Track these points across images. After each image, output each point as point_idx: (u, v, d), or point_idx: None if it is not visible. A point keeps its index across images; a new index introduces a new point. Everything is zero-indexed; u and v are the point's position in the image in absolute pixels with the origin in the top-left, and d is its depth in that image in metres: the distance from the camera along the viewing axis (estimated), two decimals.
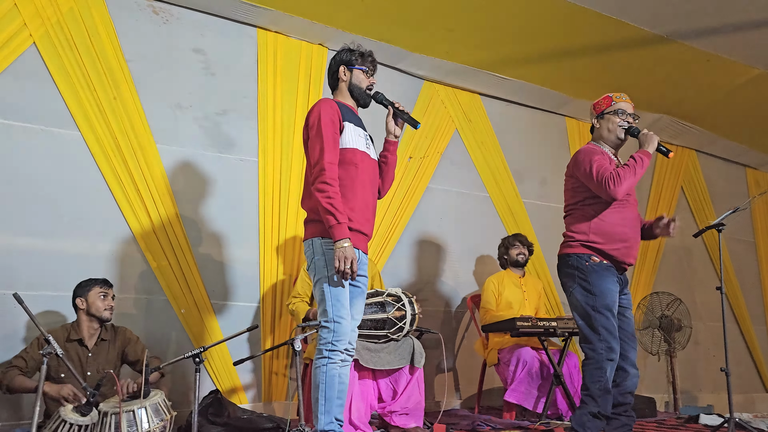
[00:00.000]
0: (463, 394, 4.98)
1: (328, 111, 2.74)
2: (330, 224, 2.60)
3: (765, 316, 7.17)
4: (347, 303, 2.70)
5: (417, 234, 4.97)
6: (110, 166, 3.79)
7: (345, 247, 2.56)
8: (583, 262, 3.05)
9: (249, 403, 4.03)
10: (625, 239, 3.07)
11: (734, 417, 3.49)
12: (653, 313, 5.39)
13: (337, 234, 2.58)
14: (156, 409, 2.88)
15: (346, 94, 2.94)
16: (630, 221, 3.11)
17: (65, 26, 3.74)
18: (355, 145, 2.80)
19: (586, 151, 3.13)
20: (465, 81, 5.25)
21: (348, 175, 2.76)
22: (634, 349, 3.12)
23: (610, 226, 3.06)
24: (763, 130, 6.45)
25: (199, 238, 4.04)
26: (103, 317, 3.24)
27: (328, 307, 2.66)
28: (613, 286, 3.04)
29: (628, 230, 3.09)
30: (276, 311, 4.16)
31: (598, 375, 2.95)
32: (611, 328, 2.98)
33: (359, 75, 2.92)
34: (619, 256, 3.06)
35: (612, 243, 3.05)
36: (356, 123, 2.87)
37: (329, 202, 2.61)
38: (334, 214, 2.59)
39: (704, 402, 5.93)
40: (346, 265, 2.57)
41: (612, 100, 3.20)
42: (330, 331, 2.65)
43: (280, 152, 4.34)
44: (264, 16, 4.26)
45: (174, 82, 4.09)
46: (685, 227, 6.50)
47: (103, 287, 3.27)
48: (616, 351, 2.97)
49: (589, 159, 3.06)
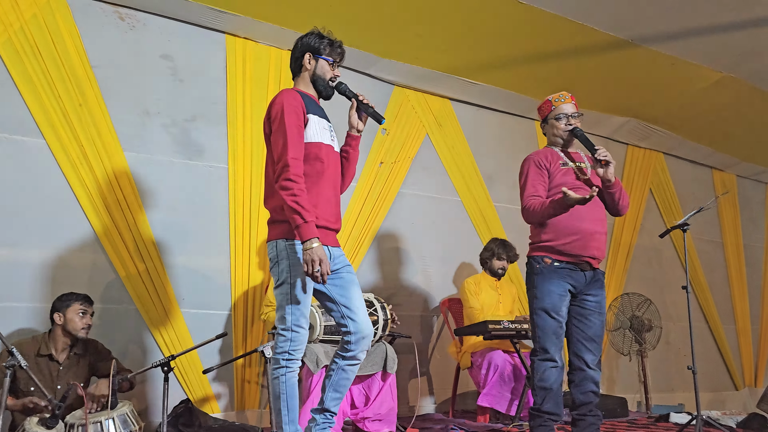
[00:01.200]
0: (438, 398, 4.99)
1: (291, 103, 2.59)
2: (296, 224, 2.44)
3: (734, 314, 7.31)
4: (307, 311, 2.56)
5: (389, 239, 4.97)
6: (76, 174, 3.74)
7: (314, 247, 2.41)
8: (534, 265, 3.09)
9: (221, 413, 3.99)
10: (575, 231, 3.01)
11: (702, 414, 3.54)
12: (624, 314, 5.46)
13: (305, 234, 2.43)
14: (124, 420, 2.84)
15: (309, 83, 2.77)
16: (581, 213, 3.01)
17: (28, 32, 3.68)
18: (320, 139, 2.66)
19: (526, 161, 3.21)
20: (435, 86, 5.28)
21: (314, 171, 2.61)
22: (590, 351, 3.03)
23: (557, 221, 3.03)
24: (728, 133, 6.59)
25: (169, 246, 3.99)
26: (78, 336, 3.16)
27: (287, 314, 2.52)
28: (557, 288, 3.00)
29: (579, 222, 3.02)
30: (248, 319, 4.13)
31: (536, 374, 3.01)
32: (547, 330, 2.99)
33: (324, 66, 2.75)
34: (574, 249, 3.01)
35: (562, 238, 3.02)
36: (320, 115, 2.73)
37: (295, 200, 2.45)
38: (300, 212, 2.44)
39: (676, 401, 6.01)
40: (315, 268, 2.42)
41: (552, 104, 3.21)
42: (287, 340, 2.51)
43: (250, 159, 4.31)
44: (232, 22, 4.24)
45: (141, 89, 4.05)
46: (654, 229, 6.60)
47: (83, 304, 3.18)
48: (550, 352, 2.98)
49: (525, 172, 3.17)
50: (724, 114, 6.08)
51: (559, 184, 3.07)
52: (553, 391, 2.98)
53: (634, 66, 5.11)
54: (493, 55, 4.95)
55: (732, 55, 4.99)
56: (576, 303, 3.08)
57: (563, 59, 4.96)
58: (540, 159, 3.17)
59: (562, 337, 3.04)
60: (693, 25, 4.56)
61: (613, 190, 3.11)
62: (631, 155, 6.64)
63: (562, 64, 5.03)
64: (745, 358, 7.33)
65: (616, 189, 3.11)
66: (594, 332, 3.06)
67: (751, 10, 4.37)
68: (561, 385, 3.04)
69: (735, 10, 4.37)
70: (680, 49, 4.87)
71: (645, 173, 6.69)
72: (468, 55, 4.92)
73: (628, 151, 6.63)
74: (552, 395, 2.98)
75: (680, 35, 4.69)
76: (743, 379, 7.24)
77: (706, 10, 4.39)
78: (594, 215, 3.08)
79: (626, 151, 6.62)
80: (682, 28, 4.61)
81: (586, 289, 3.07)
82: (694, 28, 4.60)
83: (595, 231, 3.06)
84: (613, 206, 3.19)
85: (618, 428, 4.17)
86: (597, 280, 3.11)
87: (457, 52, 4.87)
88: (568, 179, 3.11)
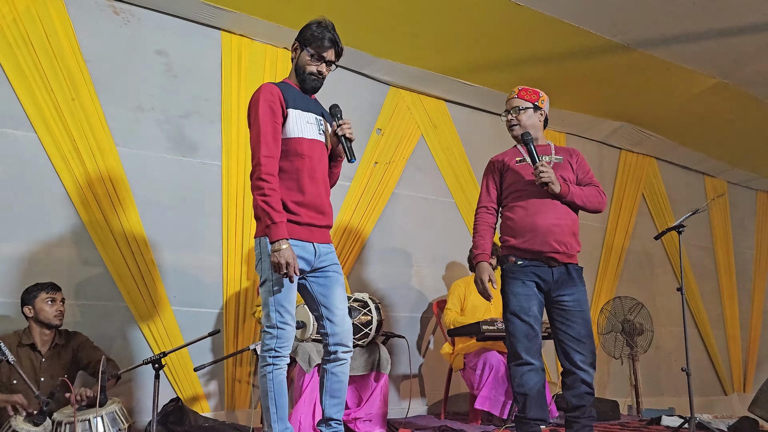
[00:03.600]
0: (429, 400, 4.97)
1: (267, 98, 2.54)
2: (266, 224, 2.44)
3: (723, 320, 7.35)
4: (293, 308, 2.54)
5: (383, 239, 4.95)
6: (68, 168, 3.69)
7: (282, 249, 2.40)
8: (502, 266, 3.10)
9: (211, 412, 3.95)
10: (532, 228, 2.97)
11: (695, 417, 3.53)
12: (616, 317, 5.46)
13: (273, 235, 2.42)
14: (113, 418, 2.81)
15: (293, 73, 2.72)
16: (536, 207, 2.99)
17: (21, 25, 3.63)
18: (300, 134, 2.59)
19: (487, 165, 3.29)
20: (430, 87, 5.27)
21: (293, 167, 2.57)
22: (578, 351, 2.97)
23: (514, 221, 3.04)
24: (720, 139, 6.62)
25: (161, 243, 3.95)
26: (52, 324, 3.11)
27: (272, 312, 2.50)
28: (523, 289, 2.97)
29: (533, 217, 2.98)
30: (240, 317, 4.10)
31: (513, 380, 3.00)
32: (518, 333, 2.96)
33: (305, 57, 2.67)
34: (533, 246, 2.96)
35: (519, 236, 2.99)
36: (304, 108, 2.65)
37: (264, 200, 2.44)
38: (269, 213, 2.43)
39: (666, 405, 6.02)
40: (283, 270, 2.42)
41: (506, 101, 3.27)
42: (273, 337, 2.50)
43: (244, 156, 4.28)
44: (228, 18, 4.21)
45: (135, 84, 4.01)
46: (646, 233, 6.63)
47: (49, 292, 3.13)
48: (523, 357, 2.95)
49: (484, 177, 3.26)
50: (716, 120, 6.10)
51: (512, 182, 3.10)
52: (532, 395, 2.94)
53: (628, 70, 5.12)
54: (489, 56, 4.95)
55: (726, 61, 5.01)
56: (554, 304, 3.02)
57: (558, 62, 4.96)
58: (494, 162, 3.23)
59: (536, 338, 2.98)
60: (688, 30, 4.58)
61: (568, 200, 3.01)
62: (625, 160, 6.66)
63: (556, 67, 5.03)
64: (735, 363, 7.37)
65: (570, 199, 3.01)
66: (578, 332, 2.98)
67: (745, 17, 4.39)
68: (543, 386, 2.99)
69: (730, 16, 4.39)
70: (675, 54, 4.89)
71: (638, 178, 6.72)
72: (463, 56, 4.91)
73: (621, 156, 6.65)
74: (533, 400, 2.95)
75: (675, 40, 4.70)
76: (732, 384, 7.27)
77: (701, 16, 4.40)
78: (551, 208, 3.00)
79: (619, 155, 6.64)
80: (678, 33, 4.62)
81: (558, 287, 3.00)
82: (689, 33, 4.62)
83: (553, 224, 2.97)
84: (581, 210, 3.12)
85: (610, 431, 4.17)
86: (570, 276, 3.01)
87: (453, 53, 4.86)
88: (524, 175, 3.08)
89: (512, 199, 3.09)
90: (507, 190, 3.12)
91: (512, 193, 3.09)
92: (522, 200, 3.04)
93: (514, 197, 3.08)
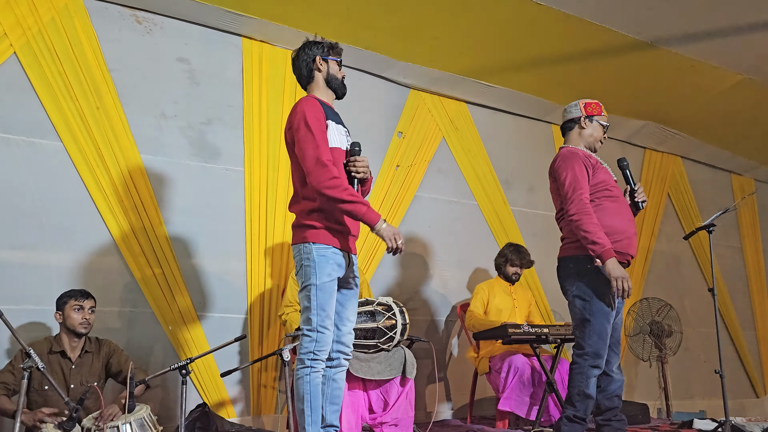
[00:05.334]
0: (455, 404, 4.93)
1: (312, 110, 2.66)
2: (361, 212, 2.58)
3: (754, 321, 7.20)
4: (332, 313, 2.64)
5: (405, 243, 4.89)
6: (93, 176, 3.73)
7: (384, 227, 2.58)
8: (584, 265, 2.99)
9: (237, 417, 3.96)
10: (622, 230, 3.04)
11: (729, 420, 3.46)
12: (643, 319, 5.38)
13: (372, 218, 2.58)
14: (141, 425, 2.82)
15: (323, 87, 2.83)
16: (625, 213, 3.09)
17: (46, 36, 3.68)
18: (339, 144, 2.72)
19: (565, 156, 3.13)
20: (451, 89, 5.24)
21: None
22: (617, 354, 3.08)
23: (608, 220, 3.02)
24: (747, 136, 6.51)
25: (185, 248, 3.98)
26: (77, 331, 3.12)
27: (313, 315, 2.59)
28: (609, 290, 2.96)
29: (625, 222, 3.07)
30: (264, 322, 4.10)
31: (580, 380, 2.95)
32: (604, 335, 2.95)
33: (335, 66, 2.84)
34: (621, 248, 3.01)
35: (611, 236, 2.98)
36: (336, 120, 2.79)
37: (349, 193, 2.58)
38: (358, 200, 2.58)
39: (696, 408, 5.91)
40: (399, 241, 2.59)
41: (602, 110, 3.25)
42: (312, 341, 2.59)
43: (266, 162, 4.29)
44: (249, 25, 4.23)
45: (158, 92, 4.04)
46: (672, 233, 6.52)
47: (78, 299, 3.14)
48: (603, 358, 2.95)
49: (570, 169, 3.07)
50: (743, 117, 6.00)
51: (602, 181, 3.09)
52: (593, 399, 2.98)
53: (652, 68, 5.05)
54: (510, 57, 4.91)
55: (752, 57, 4.93)
56: None
57: (581, 62, 4.91)
58: (580, 155, 3.13)
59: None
60: (712, 26, 4.51)
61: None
62: (649, 159, 6.56)
63: (579, 67, 4.98)
64: (766, 364, 7.20)
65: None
66: (618, 335, 3.08)
67: None
68: None
69: (755, 12, 4.32)
70: (699, 51, 4.82)
71: (663, 177, 6.61)
72: (484, 57, 4.88)
73: (645, 155, 6.56)
74: (592, 403, 2.98)
75: (700, 37, 4.63)
76: (764, 386, 7.12)
77: (726, 12, 4.34)
78: (630, 214, 3.15)
79: (644, 155, 6.55)
80: (702, 30, 4.56)
81: None
82: (714, 29, 4.55)
83: (634, 230, 3.11)
84: None
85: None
86: None
87: (474, 55, 4.83)
88: (608, 177, 3.13)
89: (603, 198, 3.07)
90: (596, 187, 3.09)
91: (602, 191, 3.07)
92: (610, 200, 3.06)
93: (604, 196, 3.07)
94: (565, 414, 2.97)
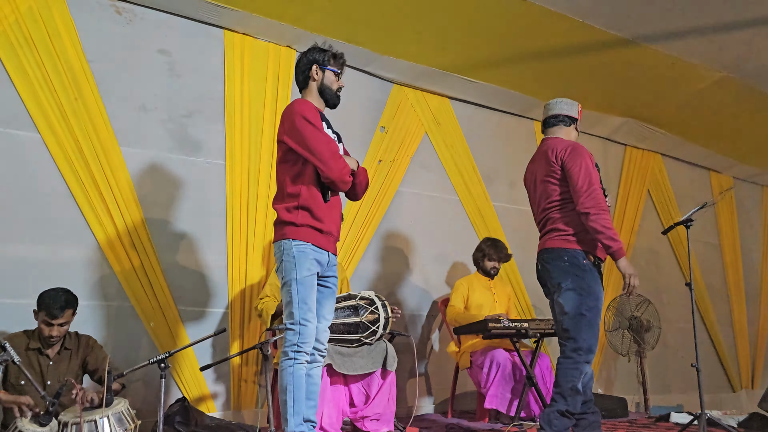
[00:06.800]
0: (437, 398, 4.94)
1: (309, 109, 2.75)
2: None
3: (730, 316, 7.31)
4: (314, 306, 2.71)
5: (387, 238, 4.93)
6: (72, 169, 3.68)
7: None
8: (580, 260, 2.99)
9: (218, 412, 3.93)
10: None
11: (705, 413, 3.50)
12: (623, 314, 5.43)
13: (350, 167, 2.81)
14: (119, 419, 2.78)
15: (316, 94, 2.90)
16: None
17: (24, 25, 3.62)
18: None
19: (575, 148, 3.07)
20: (434, 84, 5.24)
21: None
22: None
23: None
24: (725, 134, 6.58)
25: (165, 242, 3.94)
26: (47, 342, 3.05)
27: (295, 309, 2.66)
28: (600, 287, 3.01)
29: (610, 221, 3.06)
30: (245, 316, 4.08)
31: (573, 374, 2.94)
32: (596, 330, 2.98)
33: (331, 76, 2.89)
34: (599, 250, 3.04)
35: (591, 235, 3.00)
36: (327, 125, 2.86)
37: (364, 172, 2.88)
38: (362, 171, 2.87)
39: (673, 402, 5.99)
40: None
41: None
42: (295, 333, 2.66)
43: (248, 155, 4.26)
44: (230, 17, 4.19)
45: (138, 84, 4.00)
46: (652, 230, 6.59)
47: (48, 316, 2.99)
48: (594, 353, 2.97)
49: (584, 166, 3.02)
50: (722, 115, 6.07)
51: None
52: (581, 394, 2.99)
53: (633, 65, 5.09)
54: (492, 53, 4.92)
55: (732, 55, 4.97)
56: None
57: (562, 57, 4.93)
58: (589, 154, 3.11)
59: None
60: (693, 24, 4.54)
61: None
62: (630, 156, 6.62)
63: (561, 63, 5.01)
64: (743, 359, 7.32)
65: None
66: None
67: (750, 10, 4.36)
68: None
69: (735, 10, 4.36)
70: (680, 48, 4.85)
71: (643, 174, 6.68)
72: (467, 53, 4.89)
73: (626, 152, 6.61)
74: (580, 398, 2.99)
75: (680, 34, 4.67)
76: (740, 381, 7.23)
77: (706, 9, 4.37)
78: None
79: (625, 152, 6.61)
80: (683, 27, 4.59)
81: None
82: (695, 27, 4.59)
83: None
84: None
85: (618, 428, 4.14)
86: None
87: (456, 50, 4.83)
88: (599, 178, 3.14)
89: None
90: None
91: None
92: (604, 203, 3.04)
93: None
94: (556, 408, 2.93)
